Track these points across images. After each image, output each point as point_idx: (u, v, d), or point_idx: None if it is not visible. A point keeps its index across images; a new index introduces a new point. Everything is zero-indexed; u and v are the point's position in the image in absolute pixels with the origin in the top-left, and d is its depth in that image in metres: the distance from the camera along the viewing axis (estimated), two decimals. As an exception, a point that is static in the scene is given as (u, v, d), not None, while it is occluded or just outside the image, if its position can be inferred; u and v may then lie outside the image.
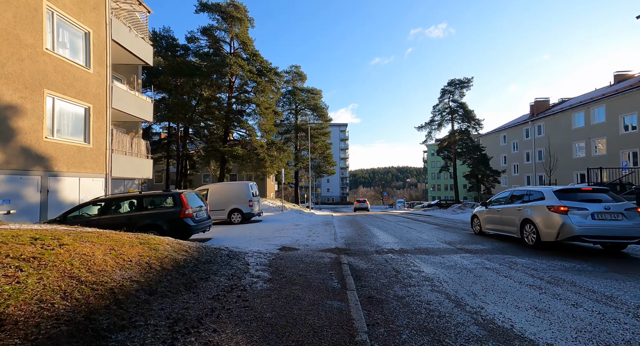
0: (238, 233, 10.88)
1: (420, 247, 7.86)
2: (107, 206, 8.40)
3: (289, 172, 27.01)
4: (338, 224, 15.41)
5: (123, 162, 14.27)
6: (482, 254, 6.79)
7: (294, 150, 37.29)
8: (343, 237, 10.24)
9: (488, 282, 4.56)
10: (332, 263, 5.73)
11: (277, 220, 16.15)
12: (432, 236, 10.04)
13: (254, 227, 12.88)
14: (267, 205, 20.56)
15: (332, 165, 39.62)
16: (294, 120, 37.35)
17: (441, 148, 34.55)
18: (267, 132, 24.62)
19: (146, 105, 16.15)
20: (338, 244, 8.57)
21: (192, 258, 4.42)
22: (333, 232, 11.45)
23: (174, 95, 21.80)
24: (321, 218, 19.38)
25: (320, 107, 36.55)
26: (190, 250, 4.73)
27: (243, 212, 14.29)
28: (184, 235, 8.52)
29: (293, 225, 13.35)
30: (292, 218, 17.17)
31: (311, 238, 9.72)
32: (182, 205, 8.49)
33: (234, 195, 14.50)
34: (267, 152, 23.98)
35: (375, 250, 7.65)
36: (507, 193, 9.15)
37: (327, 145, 38.12)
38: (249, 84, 25.36)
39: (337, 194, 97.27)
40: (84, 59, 12.12)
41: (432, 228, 12.84)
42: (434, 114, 34.09)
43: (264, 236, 10.05)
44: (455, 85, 32.33)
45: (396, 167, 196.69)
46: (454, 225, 13.97)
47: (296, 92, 35.91)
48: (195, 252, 4.74)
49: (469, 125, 32.29)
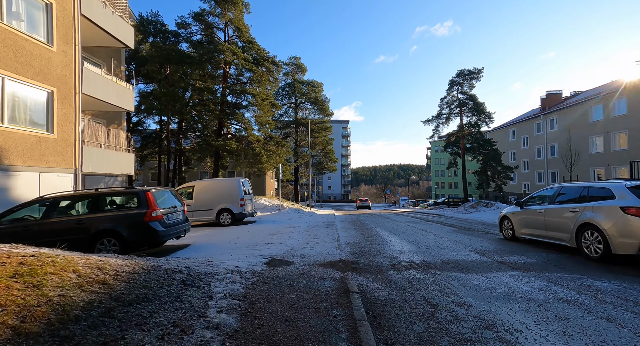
0: (223, 238, 9.18)
1: (447, 259, 6.15)
2: (53, 207, 6.71)
3: (287, 168, 25.29)
4: (341, 226, 13.71)
5: (98, 156, 12.59)
6: (535, 272, 5.07)
7: (294, 145, 35.56)
8: (348, 243, 8.53)
9: (589, 332, 2.84)
10: (336, 290, 4.03)
11: (272, 220, 14.47)
12: (455, 242, 8.32)
13: (244, 229, 11.19)
14: (263, 204, 18.90)
15: (333, 162, 37.88)
16: (294, 114, 35.59)
17: (449, 143, 32.75)
18: (264, 125, 22.90)
19: (126, 93, 14.44)
20: (343, 254, 6.86)
21: (109, 296, 2.72)
22: (336, 236, 9.75)
23: (162, 85, 20.08)
24: (322, 219, 17.68)
25: (321, 101, 34.75)
26: (115, 280, 3.03)
27: (233, 212, 12.61)
28: (151, 243, 6.84)
29: (290, 228, 11.66)
30: (289, 219, 15.48)
31: (309, 245, 8.01)
32: (148, 205, 6.79)
33: (223, 193, 12.81)
34: (263, 146, 22.27)
35: (391, 263, 5.94)
36: (551, 191, 7.41)
37: (328, 141, 36.36)
38: (244, 74, 23.61)
39: (338, 192, 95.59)
40: (45, 34, 10.40)
41: (450, 230, 11.11)
42: (442, 107, 32.26)
43: (253, 242, 8.36)
44: (464, 76, 30.47)
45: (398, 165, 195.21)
46: (472, 227, 12.24)
47: (296, 85, 34.12)
48: (124, 283, 3.04)
49: (478, 119, 30.45)
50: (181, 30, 22.15)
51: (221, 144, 19.78)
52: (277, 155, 22.35)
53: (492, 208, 20.31)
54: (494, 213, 18.66)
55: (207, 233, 10.46)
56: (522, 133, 41.20)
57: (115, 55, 16.52)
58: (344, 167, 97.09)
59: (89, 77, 12.16)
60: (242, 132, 22.91)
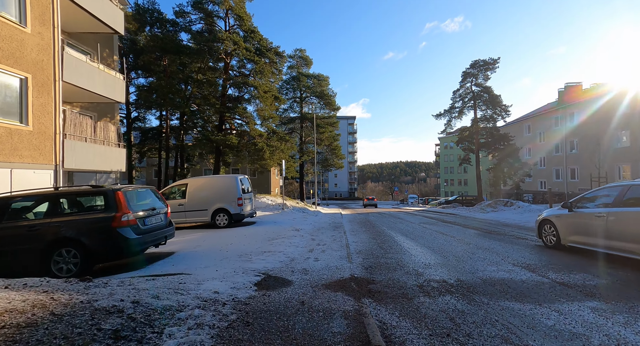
0: (214, 244, 7.96)
1: (488, 278, 4.80)
2: (3, 209, 5.54)
3: (292, 165, 24.06)
4: (349, 228, 12.40)
5: (83, 151, 11.50)
6: (621, 301, 3.71)
7: (299, 141, 34.28)
8: (359, 251, 7.23)
9: None
10: (350, 339, 2.74)
11: (274, 221, 13.23)
12: (487, 250, 6.95)
13: (241, 232, 9.96)
14: (265, 203, 17.70)
15: (340, 158, 36.51)
16: (299, 109, 34.26)
17: (461, 138, 31.06)
18: (267, 119, 21.66)
19: (116, 83, 13.31)
20: (354, 267, 5.57)
21: None
22: (344, 242, 8.45)
23: (159, 77, 18.94)
24: (328, 219, 16.40)
25: (327, 95, 33.33)
26: None
27: (230, 213, 11.40)
28: (120, 254, 5.64)
29: (292, 230, 10.40)
30: (292, 220, 14.23)
31: (314, 254, 6.74)
32: (118, 208, 5.59)
33: (219, 192, 11.60)
34: (266, 141, 21.04)
35: (418, 283, 4.63)
36: (613, 190, 5.97)
37: (334, 137, 34.98)
38: (246, 66, 22.36)
39: (345, 189, 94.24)
40: (16, 13, 9.27)
41: (474, 235, 9.72)
42: (454, 100, 30.56)
43: (248, 249, 7.12)
44: (479, 67, 28.71)
45: (404, 162, 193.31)
46: (498, 230, 10.81)
47: (301, 78, 32.75)
48: None
49: (494, 112, 28.71)
50: (179, 19, 20.98)
51: (221, 139, 18.59)
52: (281, 151, 21.11)
53: (513, 207, 18.76)
54: (515, 214, 17.14)
55: (198, 237, 9.26)
56: (538, 128, 39.18)
57: (106, 44, 15.41)
58: (351, 164, 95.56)
59: (71, 64, 11.02)
60: (244, 127, 21.70)
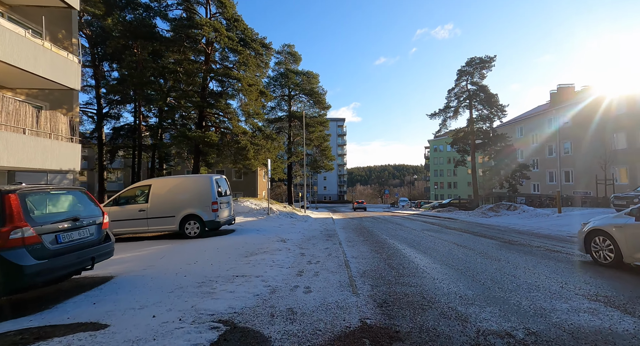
0: (171, 264, 6.04)
1: (573, 326, 3.13)
2: None
3: (279, 166, 22.20)
4: (344, 236, 10.65)
5: (19, 145, 9.38)
6: None
7: (287, 141, 32.45)
8: (364, 272, 5.46)
9: None
10: None
11: (256, 229, 11.35)
12: (533, 272, 5.31)
13: (213, 245, 8.05)
14: (249, 208, 15.77)
15: (330, 160, 34.82)
16: (287, 107, 32.45)
17: (456, 139, 29.91)
18: (252, 115, 19.77)
19: (68, 66, 11.22)
20: (363, 305, 3.81)
21: None
22: (342, 258, 6.68)
23: (129, 66, 16.82)
24: (319, 225, 14.61)
25: (317, 93, 31.66)
26: None
27: (203, 220, 9.46)
28: (10, 288, 3.71)
29: (277, 241, 8.57)
30: (278, 227, 12.38)
31: (304, 280, 4.93)
32: (6, 219, 3.67)
33: (190, 195, 9.66)
34: (250, 139, 19.14)
35: (469, 339, 2.90)
36: None
37: (324, 137, 33.29)
38: (229, 57, 20.47)
39: (334, 192, 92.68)
40: None
41: (495, 246, 8.12)
42: (449, 99, 29.42)
43: (214, 273, 5.27)
44: (474, 65, 27.67)
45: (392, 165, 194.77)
46: (519, 240, 9.27)
47: (289, 75, 30.99)
48: None
49: (490, 112, 27.67)
50: (154, 4, 18.92)
51: (199, 136, 16.57)
52: (267, 150, 19.23)
53: (517, 211, 17.45)
54: (522, 219, 15.78)
55: (157, 252, 7.30)
56: (531, 130, 38.64)
57: (63, 23, 13.30)
58: (340, 167, 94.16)
59: (4, 37, 8.93)
60: (226, 124, 19.73)
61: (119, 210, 9.44)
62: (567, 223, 12.89)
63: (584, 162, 29.73)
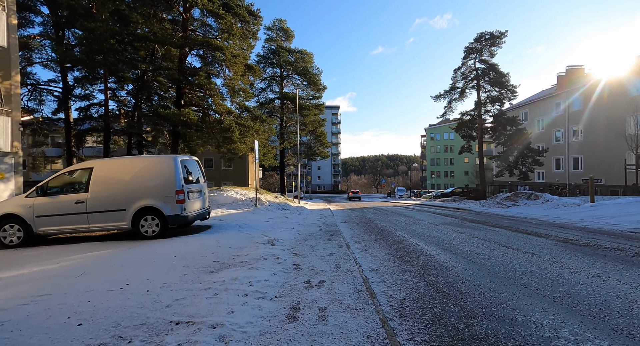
0: (79, 291, 3.65)
1: None
2: None
3: (269, 151, 19.72)
4: (349, 233, 8.41)
5: None
6: None
7: (279, 127, 29.87)
8: (399, 305, 3.17)
9: None
10: None
11: (239, 225, 9.02)
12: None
13: (170, 250, 5.69)
14: (233, 198, 13.38)
15: (325, 146, 32.39)
16: (279, 89, 29.69)
17: (461, 124, 27.71)
18: (237, 92, 17.16)
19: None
20: None
21: None
22: (358, 273, 4.40)
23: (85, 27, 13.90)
24: (316, 218, 12.36)
25: (311, 73, 28.92)
26: None
27: (164, 215, 7.08)
28: None
29: (263, 243, 6.28)
30: (267, 221, 10.07)
31: (299, 334, 2.63)
32: None
33: (146, 181, 7.24)
34: (236, 120, 16.60)
35: None
36: None
37: (319, 121, 30.76)
38: (210, 25, 17.67)
39: (328, 182, 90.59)
40: None
41: (556, 247, 5.96)
42: (455, 79, 27.06)
43: (136, 315, 2.94)
44: (484, 41, 25.23)
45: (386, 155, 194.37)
46: (576, 238, 7.12)
47: (281, 53, 28.15)
48: None
49: (500, 93, 25.43)
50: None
51: (174, 114, 13.98)
52: (255, 132, 16.72)
53: (539, 201, 15.43)
54: (549, 209, 13.75)
55: (76, 266, 4.88)
56: (536, 115, 36.68)
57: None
58: (334, 156, 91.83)
59: None
60: (208, 102, 17.08)
61: (48, 202, 6.98)
62: (610, 214, 10.86)
63: (597, 148, 27.98)
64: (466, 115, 27.39)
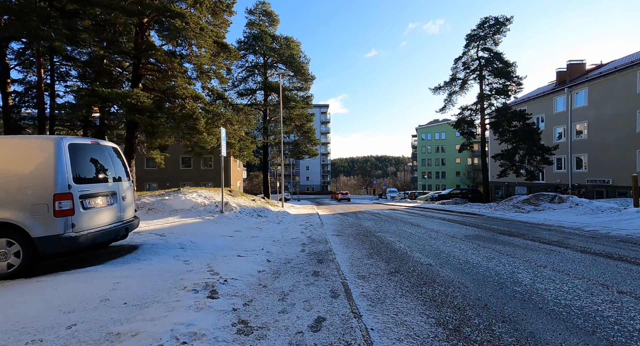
0: None
1: None
2: None
3: (247, 145, 16.57)
4: (347, 259, 5.51)
5: None
6: None
7: (262, 121, 26.84)
8: None
9: None
10: None
11: (182, 245, 6.05)
12: None
13: (14, 314, 2.74)
14: (192, 202, 10.32)
15: (314, 144, 29.51)
16: (262, 80, 26.64)
17: (461, 120, 25.38)
18: (207, 73, 14.10)
19: None
20: None
21: None
22: None
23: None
24: (299, 228, 9.45)
25: (297, 61, 26.02)
26: None
27: (31, 237, 4.08)
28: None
29: (197, 287, 3.37)
30: (228, 237, 7.10)
31: None
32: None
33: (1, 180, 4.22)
34: (203, 106, 13.56)
35: None
36: None
37: (307, 116, 27.87)
38: None
39: (317, 183, 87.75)
40: None
41: None
42: (456, 70, 24.69)
43: None
44: (487, 27, 22.95)
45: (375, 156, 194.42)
46: None
47: (264, 38, 25.13)
48: None
49: (503, 85, 23.19)
50: None
51: (117, 94, 10.81)
52: (229, 122, 13.70)
53: (565, 204, 13.00)
54: (583, 215, 11.27)
55: None
56: (536, 112, 34.83)
57: None
58: (324, 156, 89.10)
59: None
60: (171, 84, 13.93)
61: None
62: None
63: (603, 146, 26.19)
64: (467, 110, 25.08)
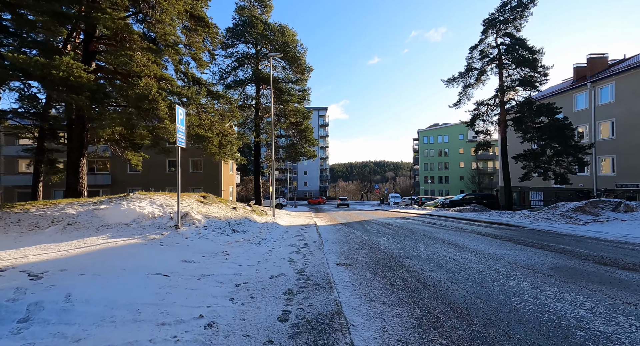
0: None
1: None
2: None
3: (229, 141, 13.39)
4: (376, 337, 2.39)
5: None
6: None
7: (254, 117, 23.82)
8: None
9: None
10: None
11: (33, 304, 2.92)
12: None
13: None
14: (136, 213, 7.14)
15: (312, 144, 26.43)
16: (252, 71, 23.68)
17: (476, 115, 22.50)
18: (173, 46, 11.10)
19: None
20: None
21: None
22: None
23: None
24: (289, 251, 6.22)
25: (293, 49, 23.10)
26: None
27: None
28: None
29: None
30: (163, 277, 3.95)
31: None
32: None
33: None
34: (171, 88, 10.49)
35: None
36: None
37: (304, 113, 24.85)
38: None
39: (315, 188, 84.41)
40: None
41: None
42: (471, 60, 21.84)
43: None
44: (509, 10, 20.17)
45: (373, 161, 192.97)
46: None
47: (256, 24, 22.26)
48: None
49: (528, 74, 20.32)
50: None
51: (33, 62, 7.75)
52: (200, 107, 10.65)
53: (636, 214, 9.95)
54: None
55: None
56: (554, 110, 32.20)
57: None
58: (322, 160, 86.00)
59: None
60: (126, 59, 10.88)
61: None
62: None
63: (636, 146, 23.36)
64: (483, 105, 22.20)
